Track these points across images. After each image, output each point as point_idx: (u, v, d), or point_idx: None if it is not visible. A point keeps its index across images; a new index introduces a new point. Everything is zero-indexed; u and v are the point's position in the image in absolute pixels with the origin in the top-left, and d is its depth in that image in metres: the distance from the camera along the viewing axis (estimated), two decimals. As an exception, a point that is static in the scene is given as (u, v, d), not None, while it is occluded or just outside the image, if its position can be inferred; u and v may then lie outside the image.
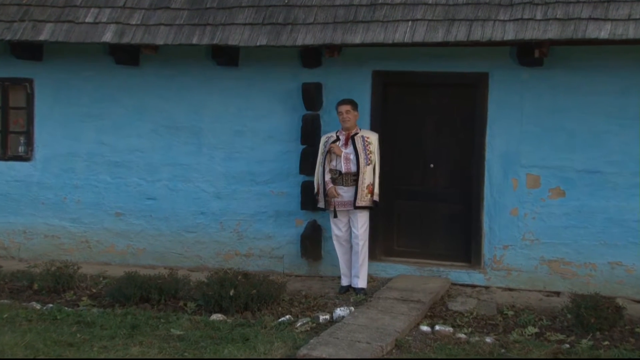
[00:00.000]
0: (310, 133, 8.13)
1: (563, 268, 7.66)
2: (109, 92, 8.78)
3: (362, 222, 7.51)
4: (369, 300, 7.11)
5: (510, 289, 7.75)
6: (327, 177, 7.48)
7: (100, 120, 8.82)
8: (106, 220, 8.87)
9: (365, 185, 7.41)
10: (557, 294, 7.60)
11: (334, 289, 7.75)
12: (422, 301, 7.02)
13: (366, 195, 7.44)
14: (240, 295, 6.81)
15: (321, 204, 7.62)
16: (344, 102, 7.58)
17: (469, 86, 7.89)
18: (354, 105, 7.59)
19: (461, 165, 8.04)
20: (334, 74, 8.18)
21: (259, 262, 8.48)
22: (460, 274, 7.91)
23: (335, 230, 7.63)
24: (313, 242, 8.22)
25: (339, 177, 7.50)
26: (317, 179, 7.65)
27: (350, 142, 7.51)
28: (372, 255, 8.09)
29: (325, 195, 7.51)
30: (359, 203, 7.41)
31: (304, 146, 8.18)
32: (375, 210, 7.75)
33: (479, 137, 7.84)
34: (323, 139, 7.69)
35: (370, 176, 7.45)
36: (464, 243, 8.01)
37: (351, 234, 7.57)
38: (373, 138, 7.52)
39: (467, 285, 7.84)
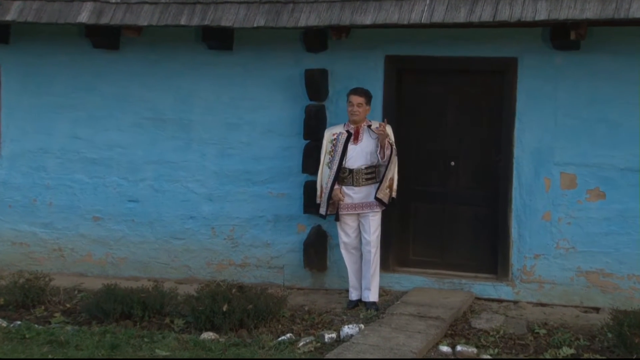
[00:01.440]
0: (314, 126, 8.11)
1: (603, 280, 7.63)
2: (85, 79, 8.79)
3: (374, 226, 7.48)
4: (381, 317, 7.09)
5: (542, 304, 7.74)
6: (331, 178, 7.44)
7: (76, 112, 8.82)
8: (82, 225, 8.87)
9: (389, 177, 7.41)
10: (596, 310, 7.58)
11: (341, 304, 7.74)
12: (441, 318, 7.00)
13: (386, 189, 7.44)
14: (234, 310, 6.80)
15: (322, 210, 7.55)
16: (357, 92, 7.53)
17: (495, 73, 7.88)
18: (368, 98, 7.56)
19: (486, 163, 8.03)
20: (342, 60, 8.17)
21: (256, 273, 8.48)
22: (485, 287, 7.90)
23: (342, 237, 7.61)
24: (318, 250, 8.21)
25: (348, 176, 7.47)
26: (320, 180, 7.62)
27: (362, 134, 7.48)
28: (385, 266, 8.08)
29: (329, 198, 7.48)
30: (378, 194, 7.38)
31: (307, 141, 8.17)
32: (387, 215, 7.72)
33: (506, 131, 7.83)
34: (327, 135, 7.64)
35: (394, 169, 7.45)
36: (490, 251, 8.00)
37: (361, 240, 7.53)
38: (389, 129, 7.47)
39: (493, 300, 7.83)
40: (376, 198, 7.42)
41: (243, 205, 8.50)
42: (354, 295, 7.64)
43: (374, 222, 7.48)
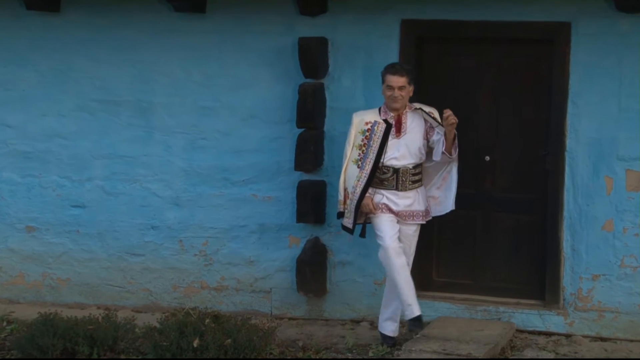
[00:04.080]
0: (310, 111, 8.14)
1: (680, 308, 7.67)
2: (15, 50, 8.83)
3: (416, 240, 7.47)
4: (397, 355, 7.09)
5: (603, 339, 7.75)
6: (362, 181, 7.27)
7: (4, 92, 8.86)
8: (12, 237, 8.89)
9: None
10: (672, 345, 7.62)
11: (344, 338, 7.74)
12: (473, 356, 6.98)
13: None
14: (208, 346, 6.77)
15: (349, 222, 7.38)
16: (397, 71, 7.32)
17: (542, 42, 7.89)
18: (411, 76, 7.36)
19: (530, 158, 8.04)
20: (345, 25, 8.18)
21: (236, 299, 8.49)
22: (530, 317, 7.90)
23: (388, 237, 7.23)
24: (315, 269, 8.23)
25: (390, 178, 7.32)
26: (343, 182, 7.44)
27: (406, 124, 7.35)
28: None
29: (359, 207, 7.30)
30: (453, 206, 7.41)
31: (302, 130, 8.19)
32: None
33: (556, 118, 7.83)
34: (358, 122, 7.44)
35: None
36: (535, 271, 8.01)
37: None
38: (436, 114, 7.39)
39: (540, 333, 7.85)
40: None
41: (219, 212, 8.52)
42: (415, 310, 7.29)
43: (414, 239, 7.43)
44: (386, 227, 7.29)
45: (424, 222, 7.49)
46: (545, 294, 7.92)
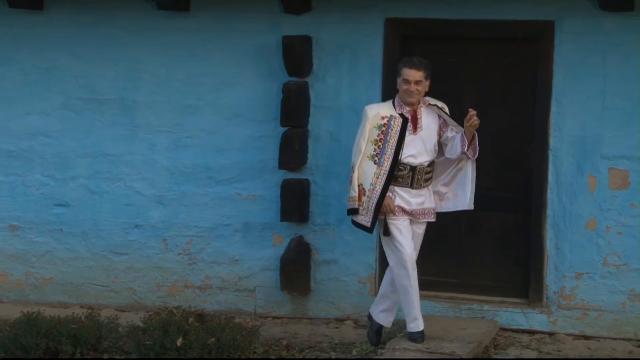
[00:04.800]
0: (294, 109, 8.14)
1: (663, 306, 7.68)
2: (-1, 48, 8.79)
3: (423, 238, 7.38)
4: (380, 353, 7.08)
5: (586, 337, 7.77)
6: (381, 178, 7.08)
7: (-14, 90, 8.86)
8: (-5, 236, 8.86)
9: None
10: (655, 343, 7.64)
11: (329, 337, 7.73)
12: (457, 354, 6.98)
13: None
14: (192, 345, 6.76)
15: (367, 220, 7.14)
16: (414, 65, 7.12)
17: (526, 41, 7.90)
18: (428, 70, 7.17)
19: (514, 157, 8.06)
20: (330, 24, 8.18)
21: (220, 298, 8.48)
22: (514, 315, 7.91)
23: (406, 247, 7.09)
24: (299, 268, 8.23)
25: (406, 176, 7.15)
26: (356, 178, 7.19)
27: (422, 119, 7.20)
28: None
29: (380, 205, 7.09)
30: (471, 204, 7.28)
31: (286, 128, 8.19)
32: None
33: (540, 116, 7.85)
34: (373, 116, 7.18)
35: None
36: (519, 270, 8.03)
37: None
38: (446, 109, 7.33)
39: (523, 331, 7.87)
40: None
41: (203, 211, 8.51)
42: (421, 324, 7.24)
43: (421, 236, 7.35)
44: (405, 234, 7.14)
45: (434, 220, 7.35)
46: (529, 292, 7.93)
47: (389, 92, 7.94)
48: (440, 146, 7.30)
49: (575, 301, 7.78)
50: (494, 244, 8.12)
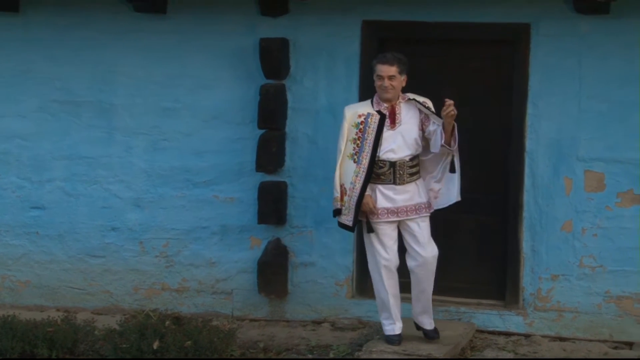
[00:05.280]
0: (272, 112, 8.14)
1: (639, 308, 7.69)
2: (-26, 51, 8.77)
3: (428, 234, 7.16)
4: (357, 355, 7.09)
5: (562, 339, 7.79)
6: (360, 177, 7.05)
7: (-38, 93, 8.82)
8: (-30, 239, 8.85)
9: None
10: (630, 345, 7.65)
11: (306, 339, 7.74)
12: (434, 356, 7.00)
13: None
14: (168, 348, 6.77)
15: (349, 220, 7.12)
16: (387, 61, 7.10)
17: (502, 44, 7.94)
18: (403, 65, 7.13)
19: (491, 159, 8.08)
20: (307, 26, 8.19)
21: (197, 301, 8.47)
22: (490, 317, 7.94)
23: (381, 253, 7.15)
24: (276, 271, 8.22)
25: (387, 172, 7.10)
26: (338, 178, 7.18)
27: (400, 114, 7.14)
28: (362, 290, 8.16)
29: (360, 204, 7.07)
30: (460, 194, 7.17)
31: (263, 130, 8.19)
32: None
33: (516, 119, 7.89)
34: (350, 115, 7.21)
35: None
36: (495, 272, 8.05)
37: (408, 256, 7.21)
38: (429, 104, 7.21)
39: (500, 333, 7.88)
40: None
41: (181, 213, 8.50)
42: (397, 328, 7.24)
43: (426, 230, 7.12)
44: (385, 241, 7.12)
45: (429, 215, 7.19)
46: (506, 294, 7.96)
47: (366, 95, 7.93)
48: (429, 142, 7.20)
49: (551, 303, 7.81)
50: (470, 246, 8.15)
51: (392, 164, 7.07)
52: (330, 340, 7.69)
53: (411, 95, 7.20)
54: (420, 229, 7.12)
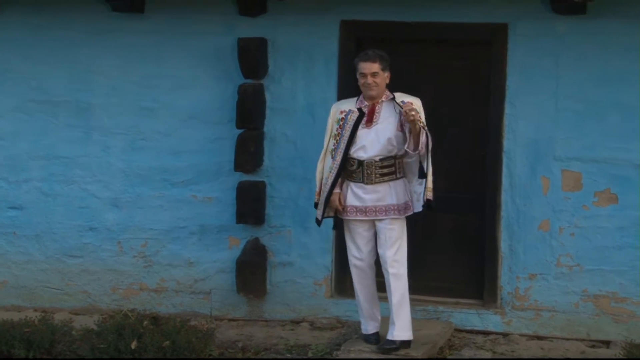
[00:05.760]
0: (250, 111, 8.13)
1: (615, 307, 7.72)
2: (-50, 50, 8.74)
3: (393, 238, 6.99)
4: (335, 355, 7.09)
5: (540, 337, 7.81)
6: (333, 173, 7.02)
7: (-62, 93, 8.78)
8: (-54, 240, 8.82)
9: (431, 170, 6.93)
10: (607, 343, 7.67)
11: (284, 339, 7.74)
12: (411, 355, 6.99)
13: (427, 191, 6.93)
14: (146, 348, 6.75)
15: (319, 214, 7.14)
16: (369, 58, 7.06)
17: (480, 44, 7.95)
18: (384, 62, 7.07)
19: (469, 159, 8.10)
20: (285, 26, 8.20)
21: (176, 301, 8.47)
22: (468, 316, 7.95)
23: (352, 250, 7.17)
24: (255, 270, 8.21)
25: (357, 171, 7.05)
26: (319, 173, 7.19)
27: (380, 113, 7.06)
28: (341, 290, 8.17)
29: (328, 200, 7.09)
30: (427, 196, 6.87)
31: (242, 130, 8.18)
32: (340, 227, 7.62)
33: (494, 118, 7.90)
34: (334, 111, 7.20)
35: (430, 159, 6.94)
36: (474, 271, 8.07)
37: (378, 257, 7.18)
38: (418, 104, 7.03)
39: (478, 332, 7.90)
40: (427, 202, 6.89)
41: (159, 213, 8.49)
42: (370, 328, 7.24)
43: (392, 233, 6.98)
44: (356, 239, 7.12)
45: (400, 217, 7.01)
46: (484, 293, 7.97)
47: (344, 94, 7.96)
48: None
49: (529, 302, 7.82)
50: (448, 246, 8.16)
51: (361, 163, 7.02)
52: (309, 340, 7.68)
53: (398, 95, 7.09)
54: (387, 231, 7.01)
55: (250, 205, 8.10)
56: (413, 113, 6.72)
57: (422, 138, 6.80)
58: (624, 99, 7.60)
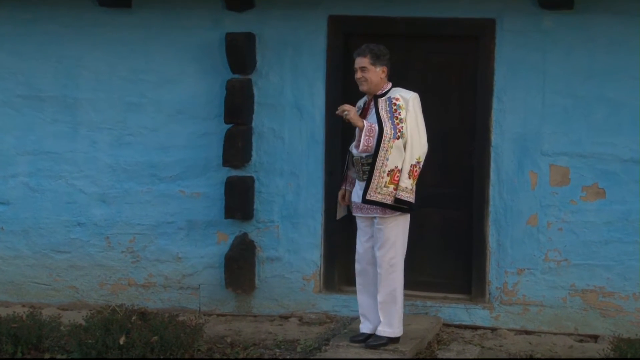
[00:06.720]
0: (238, 106, 8.13)
1: (603, 301, 7.74)
2: (-64, 45, 8.71)
3: (384, 237, 6.88)
4: (324, 350, 7.09)
5: (528, 332, 7.84)
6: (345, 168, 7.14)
7: None
8: None
9: (388, 169, 6.74)
10: (595, 338, 7.71)
11: (273, 334, 7.74)
12: (400, 351, 6.99)
13: (386, 186, 6.75)
14: (134, 344, 6.73)
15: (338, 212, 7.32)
16: (361, 51, 6.99)
17: (467, 38, 7.97)
18: (376, 55, 6.96)
19: (457, 154, 8.11)
20: (273, 20, 8.20)
21: (164, 296, 8.47)
22: (456, 311, 7.97)
23: (357, 247, 7.13)
24: (243, 265, 8.21)
25: (354, 167, 7.02)
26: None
27: (372, 109, 7.02)
28: (329, 285, 8.18)
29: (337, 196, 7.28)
30: (370, 196, 6.75)
31: (230, 125, 8.18)
32: (331, 222, 7.64)
33: (482, 113, 7.91)
34: (357, 106, 7.16)
35: (397, 157, 6.75)
36: (462, 266, 8.09)
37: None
38: (406, 98, 6.90)
39: (466, 327, 7.92)
40: (365, 200, 6.79)
41: (146, 209, 8.49)
42: (363, 327, 7.16)
43: (380, 233, 6.88)
44: (359, 233, 7.09)
45: (390, 216, 6.84)
46: (472, 288, 7.99)
47: (332, 90, 8.02)
48: None
49: (517, 297, 7.85)
50: (436, 241, 8.17)
51: (352, 159, 7.05)
52: (298, 335, 7.70)
53: (396, 90, 7.00)
54: (376, 231, 6.94)
55: (239, 200, 8.11)
56: (345, 113, 6.78)
57: (363, 139, 6.80)
58: (611, 94, 7.62)
